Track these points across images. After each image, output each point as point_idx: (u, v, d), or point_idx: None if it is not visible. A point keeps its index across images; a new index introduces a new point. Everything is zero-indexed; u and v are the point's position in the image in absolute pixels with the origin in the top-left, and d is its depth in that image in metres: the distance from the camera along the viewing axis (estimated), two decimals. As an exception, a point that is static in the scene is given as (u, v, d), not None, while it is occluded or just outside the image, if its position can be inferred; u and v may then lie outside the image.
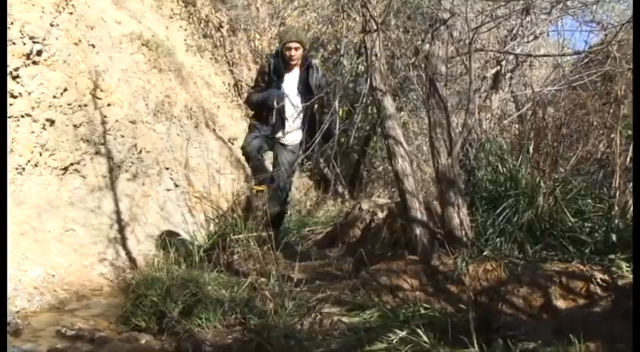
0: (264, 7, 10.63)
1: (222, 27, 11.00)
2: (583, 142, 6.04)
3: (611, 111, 5.38)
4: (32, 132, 6.67)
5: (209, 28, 10.74)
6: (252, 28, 10.63)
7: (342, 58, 11.87)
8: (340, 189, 11.00)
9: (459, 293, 3.91)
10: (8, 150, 6.43)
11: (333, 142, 5.92)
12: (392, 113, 4.26)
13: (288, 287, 4.39)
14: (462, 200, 4.24)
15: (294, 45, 6.68)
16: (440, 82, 4.37)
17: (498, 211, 4.47)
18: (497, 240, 4.34)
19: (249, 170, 9.64)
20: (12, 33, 6.50)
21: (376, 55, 4.22)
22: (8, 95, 6.46)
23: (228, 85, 10.73)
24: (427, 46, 4.58)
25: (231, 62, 10.91)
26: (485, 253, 4.10)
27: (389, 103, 4.31)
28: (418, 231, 4.16)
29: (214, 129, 9.51)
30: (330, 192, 10.60)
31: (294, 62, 6.76)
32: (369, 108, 12.03)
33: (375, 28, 4.13)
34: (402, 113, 11.71)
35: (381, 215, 5.61)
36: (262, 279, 4.84)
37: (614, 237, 4.12)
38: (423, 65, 4.56)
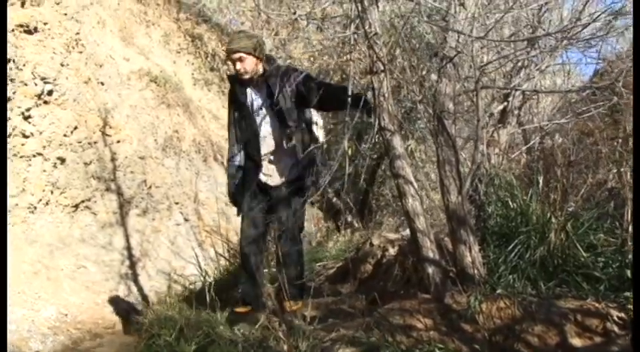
0: (269, 40, 10.70)
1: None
2: (592, 171, 6.05)
3: (619, 141, 5.39)
4: (44, 171, 6.74)
5: (215, 62, 10.84)
6: (258, 60, 10.70)
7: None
8: (349, 218, 11.01)
9: (473, 332, 3.89)
10: (20, 189, 6.49)
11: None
12: (401, 153, 4.28)
13: (302, 327, 4.39)
14: (474, 238, 4.25)
15: (235, 56, 4.91)
16: (448, 119, 4.40)
17: (510, 247, 4.46)
18: (510, 276, 4.33)
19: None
20: (24, 74, 6.59)
21: (384, 96, 4.26)
22: (20, 135, 6.53)
23: (236, 117, 10.78)
24: (434, 82, 4.61)
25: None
26: (498, 291, 4.08)
27: (398, 143, 4.33)
28: (430, 269, 4.16)
29: (222, 163, 9.56)
30: (341, 224, 10.61)
31: (245, 76, 4.95)
32: (377, 136, 12.04)
33: (382, 68, 4.18)
34: (410, 141, 11.73)
35: (392, 251, 5.60)
36: (275, 318, 4.83)
37: (628, 272, 4.10)
38: (430, 101, 4.59)
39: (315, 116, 5.36)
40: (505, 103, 5.69)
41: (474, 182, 4.80)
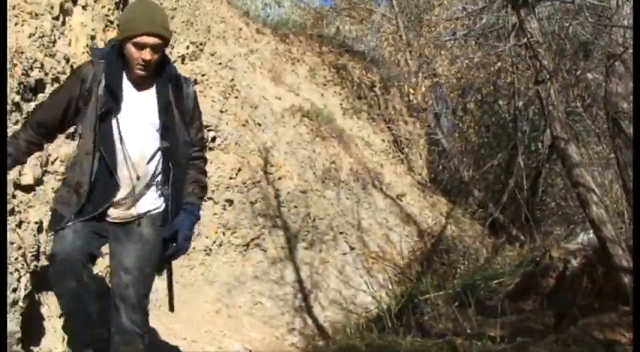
0: (413, 60, 10.70)
1: (374, 86, 11.18)
2: None
3: None
4: (214, 214, 7.05)
5: (362, 89, 10.94)
6: (404, 83, 10.72)
7: (498, 100, 11.68)
8: (514, 231, 10.67)
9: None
10: (195, 233, 6.81)
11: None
12: (578, 161, 4.10)
13: (491, 347, 4.27)
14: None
15: (151, 40, 3.23)
16: (624, 120, 4.16)
17: None
18: None
19: (422, 224, 9.64)
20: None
21: (553, 104, 4.10)
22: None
23: (388, 141, 10.82)
24: (601, 82, 4.38)
25: (387, 119, 11.02)
26: None
27: (573, 151, 4.15)
28: (626, 279, 3.92)
29: (381, 188, 9.59)
30: (503, 238, 10.31)
31: (144, 72, 3.31)
32: (532, 145, 11.69)
33: (548, 77, 4.03)
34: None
35: (574, 262, 5.33)
36: (459, 340, 4.73)
37: None
38: (601, 102, 4.37)
39: None
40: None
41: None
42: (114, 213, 3.40)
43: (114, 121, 3.30)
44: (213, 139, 7.20)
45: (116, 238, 3.42)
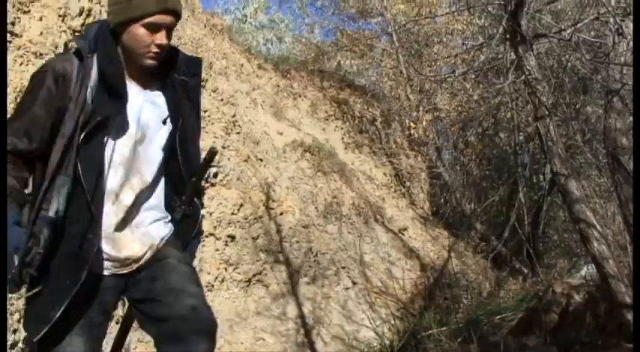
0: (414, 95, 10.77)
1: (376, 120, 11.25)
2: None
3: None
4: (217, 250, 7.05)
5: (364, 124, 11.01)
6: (405, 117, 10.79)
7: (499, 133, 11.74)
8: (517, 265, 10.63)
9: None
10: (197, 269, 6.80)
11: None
12: (579, 196, 4.11)
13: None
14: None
15: (168, 19, 2.45)
16: (623, 155, 4.18)
17: None
18: None
19: (424, 258, 9.62)
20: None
21: (552, 140, 4.13)
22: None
23: (390, 175, 10.85)
24: (601, 117, 4.42)
25: (389, 153, 11.07)
26: None
27: (574, 187, 4.16)
28: (629, 316, 3.91)
29: (383, 222, 9.58)
30: (506, 271, 10.27)
31: (155, 61, 2.48)
32: (534, 177, 11.72)
33: (547, 113, 4.06)
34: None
35: (577, 297, 5.30)
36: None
37: None
38: (600, 138, 4.39)
39: None
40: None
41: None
42: (114, 257, 2.46)
43: (105, 137, 2.42)
44: (215, 175, 7.22)
45: (144, 290, 2.50)
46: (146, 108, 2.53)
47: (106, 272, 2.43)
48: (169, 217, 2.64)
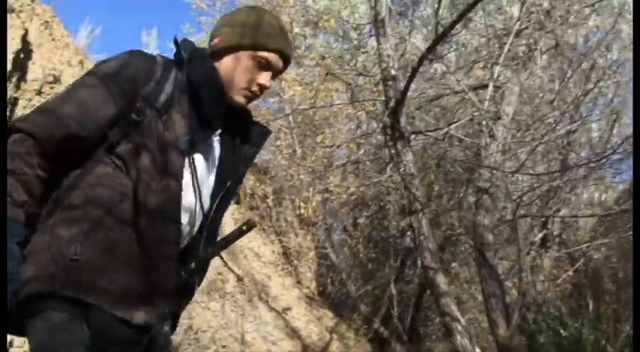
0: (306, 174, 10.95)
1: (267, 197, 11.32)
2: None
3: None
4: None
5: (255, 200, 11.06)
6: (296, 196, 10.93)
7: (387, 216, 12.03)
8: (398, 347, 10.78)
9: None
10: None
11: None
12: (445, 290, 4.28)
13: None
14: (528, 372, 4.16)
15: (280, 63, 2.23)
16: (489, 251, 4.41)
17: (567, 379, 4.34)
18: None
19: (306, 339, 9.60)
20: None
21: (423, 235, 4.31)
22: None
23: (278, 253, 10.88)
24: (472, 214, 4.67)
25: (278, 231, 11.13)
26: None
27: (441, 281, 4.34)
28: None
29: (267, 301, 9.55)
30: (389, 354, 10.40)
31: (247, 102, 2.24)
32: (418, 261, 12.03)
33: (420, 208, 4.26)
34: (454, 264, 11.69)
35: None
36: None
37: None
38: (470, 233, 4.63)
39: None
40: (545, 229, 5.70)
41: (521, 311, 4.73)
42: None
43: (190, 167, 2.09)
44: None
45: None
46: (213, 148, 2.23)
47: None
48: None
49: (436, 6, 5.08)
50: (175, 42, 2.16)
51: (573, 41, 6.66)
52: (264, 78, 2.16)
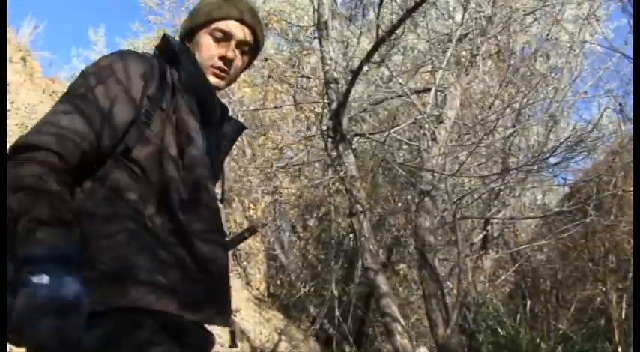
0: (255, 176, 10.93)
1: (216, 199, 11.26)
2: (580, 288, 6.09)
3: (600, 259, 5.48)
4: None
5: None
6: (245, 198, 10.91)
7: (337, 218, 12.09)
8: (348, 348, 10.84)
9: None
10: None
11: None
12: (386, 291, 4.36)
13: None
14: (466, 370, 4.26)
15: (239, 32, 2.09)
16: (429, 252, 4.50)
17: (504, 376, 4.45)
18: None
19: (254, 340, 9.59)
20: None
21: (365, 236, 4.38)
22: None
23: (227, 255, 10.85)
24: (414, 216, 4.75)
25: (228, 232, 11.09)
26: None
27: (382, 281, 4.41)
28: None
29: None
30: (336, 354, 10.45)
31: (220, 80, 2.09)
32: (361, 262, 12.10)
33: (362, 210, 4.32)
34: (402, 265, 11.81)
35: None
36: None
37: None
38: (412, 235, 4.72)
39: None
40: (485, 231, 5.82)
41: (462, 312, 4.83)
42: None
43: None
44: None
45: None
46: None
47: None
48: None
49: (376, 10, 5.17)
50: (166, 38, 2.08)
51: (515, 47, 6.82)
52: (222, 49, 2.07)
